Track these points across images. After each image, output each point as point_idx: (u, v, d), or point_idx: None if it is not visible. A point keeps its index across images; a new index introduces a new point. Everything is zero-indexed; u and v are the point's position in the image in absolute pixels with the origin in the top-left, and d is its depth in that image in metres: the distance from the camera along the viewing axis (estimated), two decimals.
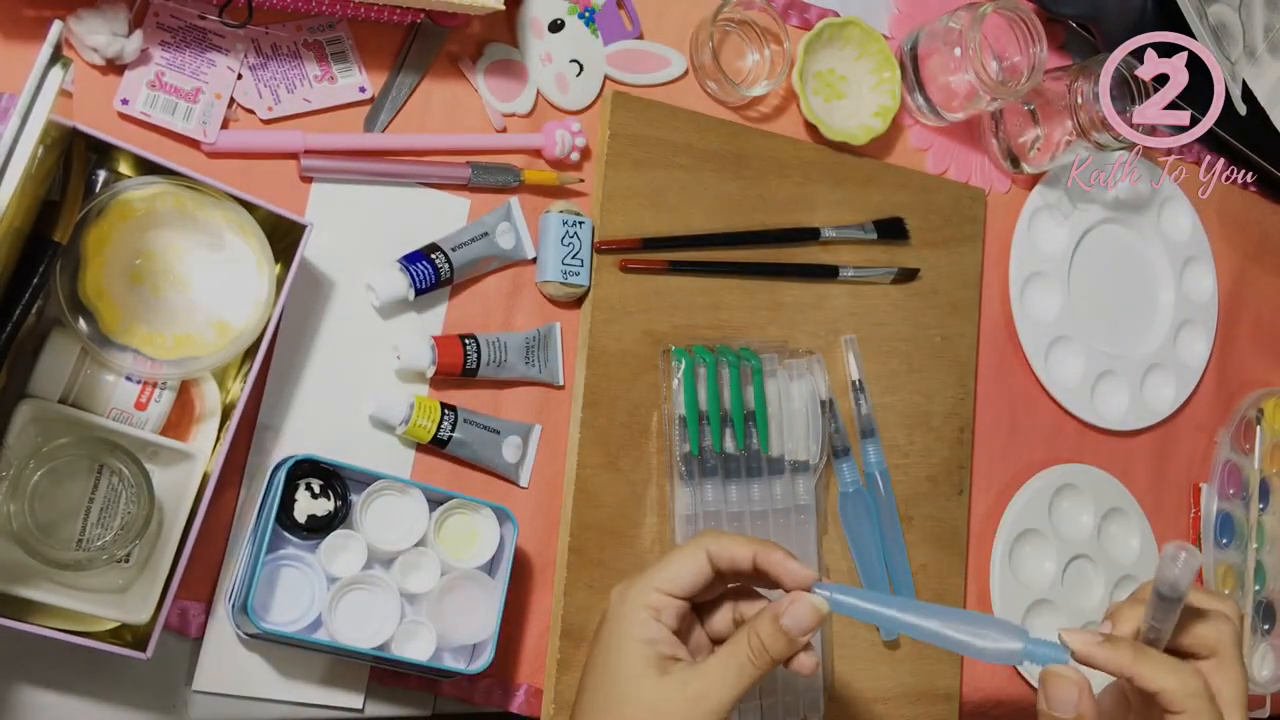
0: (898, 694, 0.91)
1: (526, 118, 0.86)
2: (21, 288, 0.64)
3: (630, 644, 0.65)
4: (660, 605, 0.65)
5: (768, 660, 0.64)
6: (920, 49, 0.98)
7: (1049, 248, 1.06)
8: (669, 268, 0.88)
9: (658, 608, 0.65)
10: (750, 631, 0.64)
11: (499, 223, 0.84)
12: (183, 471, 0.70)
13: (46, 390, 0.67)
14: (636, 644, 0.64)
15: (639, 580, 0.67)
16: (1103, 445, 1.07)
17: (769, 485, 0.87)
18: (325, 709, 0.76)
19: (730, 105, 0.94)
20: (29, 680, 0.70)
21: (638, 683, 0.64)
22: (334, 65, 0.80)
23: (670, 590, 0.66)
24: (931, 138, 1.02)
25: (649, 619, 0.65)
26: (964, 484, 0.98)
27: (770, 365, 0.89)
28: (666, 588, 0.66)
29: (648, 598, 0.65)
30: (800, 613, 0.64)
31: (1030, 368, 1.03)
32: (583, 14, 0.89)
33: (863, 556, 0.91)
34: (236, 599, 0.72)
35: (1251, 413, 1.13)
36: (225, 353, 0.70)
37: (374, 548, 0.75)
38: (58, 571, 0.65)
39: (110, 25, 0.72)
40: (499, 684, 0.81)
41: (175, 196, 0.69)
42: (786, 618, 0.64)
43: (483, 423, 0.81)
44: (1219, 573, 1.09)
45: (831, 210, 0.95)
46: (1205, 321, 1.13)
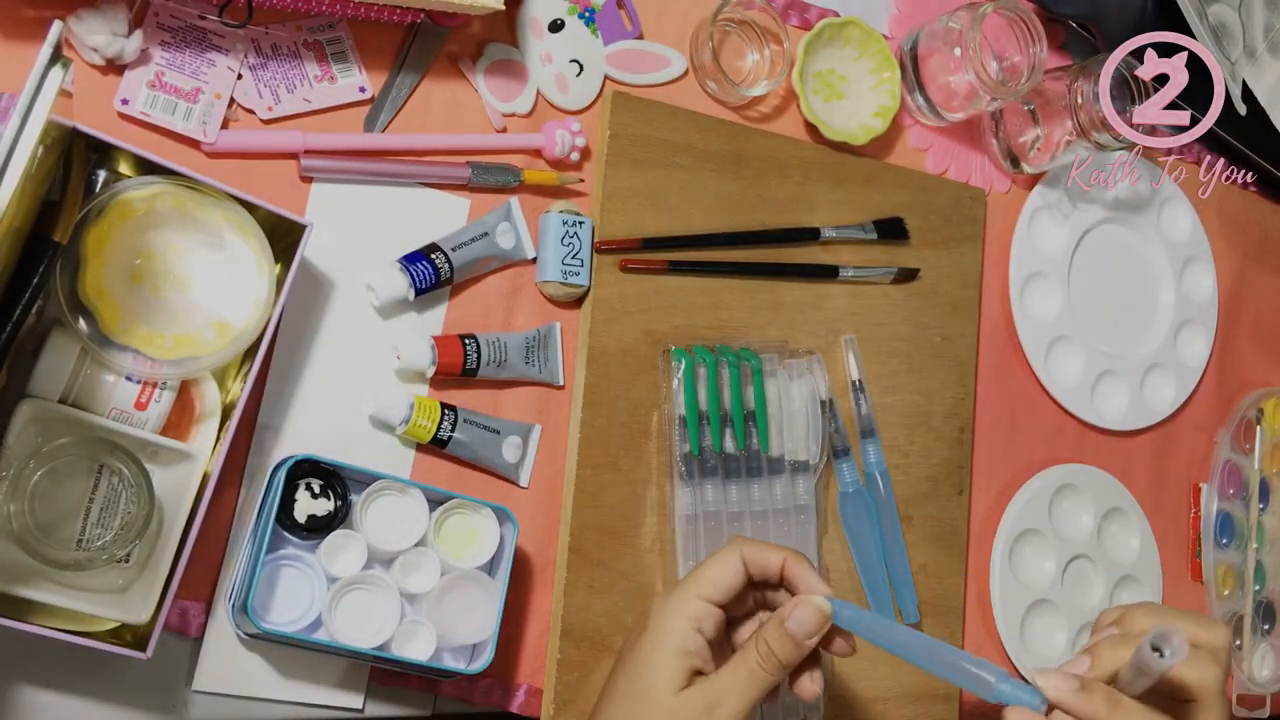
0: (898, 694, 0.91)
1: (526, 118, 0.86)
2: (21, 288, 0.64)
3: (668, 655, 0.66)
4: (702, 615, 0.67)
5: (776, 664, 0.66)
6: (920, 49, 0.98)
7: (1049, 248, 1.06)
8: (669, 268, 0.88)
9: (700, 617, 0.67)
10: (758, 638, 0.66)
11: (499, 223, 0.84)
12: (183, 471, 0.70)
13: (46, 390, 0.67)
14: (674, 655, 0.66)
15: (680, 589, 0.68)
16: (1103, 445, 1.07)
17: (769, 485, 0.87)
18: (325, 709, 0.76)
19: (730, 105, 0.94)
20: (29, 680, 0.70)
21: (664, 694, 0.66)
22: (334, 65, 0.80)
23: (710, 596, 0.68)
24: (931, 138, 1.02)
25: (690, 630, 0.67)
26: (964, 484, 0.98)
27: (770, 365, 0.89)
28: (706, 593, 0.68)
29: (690, 607, 0.67)
30: (804, 615, 0.66)
31: (1030, 368, 1.03)
32: (583, 14, 0.89)
33: (863, 556, 0.91)
34: (236, 599, 0.72)
35: (1251, 413, 1.13)
36: (225, 353, 0.70)
37: (374, 548, 0.75)
38: (58, 571, 0.65)
39: (110, 25, 0.72)
40: (499, 684, 0.81)
41: (175, 196, 0.69)
42: (791, 620, 0.66)
43: (483, 423, 0.81)
44: (1219, 573, 1.10)
45: (831, 210, 0.95)
46: (1205, 321, 1.13)
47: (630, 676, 0.67)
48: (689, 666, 0.66)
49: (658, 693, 0.66)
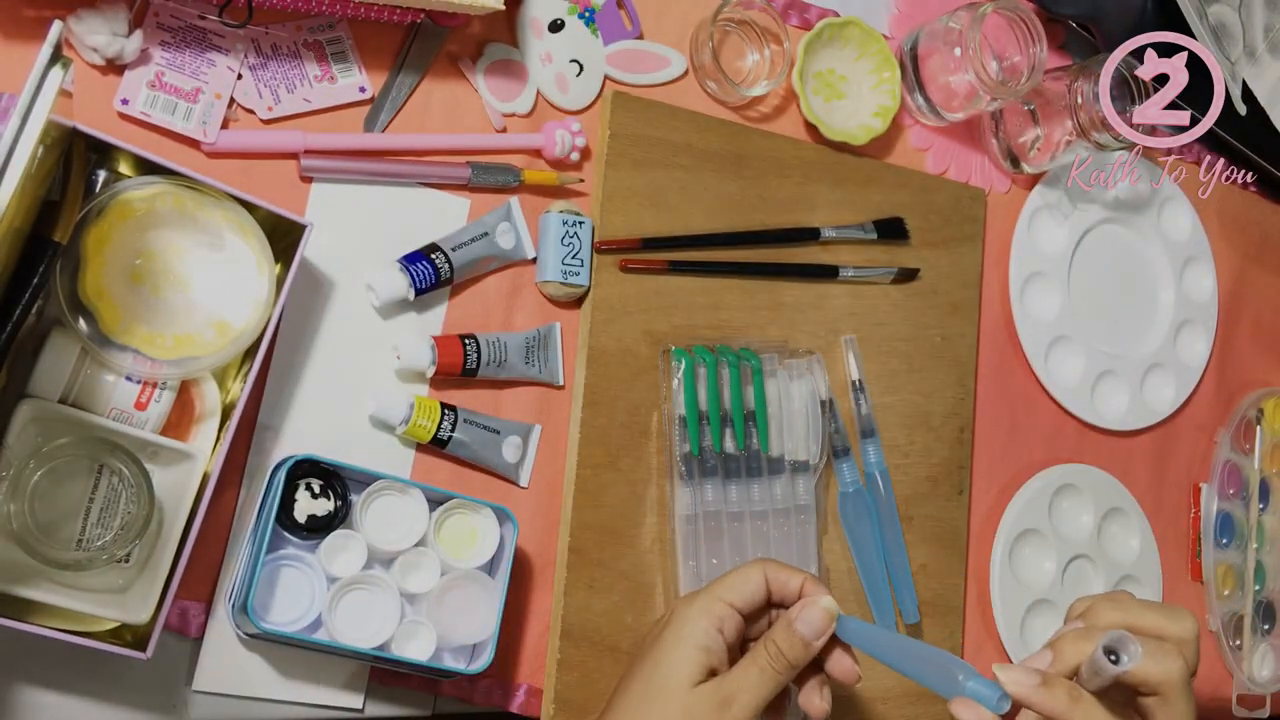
0: (898, 694, 0.91)
1: (526, 118, 0.86)
2: (21, 288, 0.63)
3: (687, 648, 0.69)
4: (725, 616, 0.70)
5: (786, 664, 0.68)
6: (920, 49, 0.98)
7: (1049, 248, 1.06)
8: (669, 268, 0.88)
9: (722, 618, 0.70)
10: (767, 639, 0.69)
11: (499, 223, 0.84)
12: (183, 471, 0.70)
13: (46, 390, 0.67)
14: (693, 649, 0.69)
15: (706, 591, 0.71)
16: (1103, 445, 1.07)
17: (769, 485, 0.87)
18: (325, 709, 0.76)
19: (730, 105, 0.94)
20: (29, 680, 0.70)
21: (680, 686, 0.68)
22: (334, 65, 0.80)
23: (733, 601, 0.70)
24: (931, 138, 1.02)
25: (712, 629, 0.69)
26: (964, 484, 0.98)
27: (770, 365, 0.89)
28: (729, 597, 0.70)
29: (714, 607, 0.70)
30: (812, 616, 0.68)
31: (1030, 368, 1.03)
32: (583, 14, 0.89)
33: (863, 556, 0.91)
34: (236, 599, 0.72)
35: (1251, 413, 1.13)
36: (225, 353, 0.70)
37: (374, 548, 0.75)
38: (58, 571, 0.65)
39: (110, 25, 0.72)
40: (499, 684, 0.81)
41: (175, 196, 0.69)
42: (799, 622, 0.68)
43: (483, 423, 0.81)
44: (1219, 573, 1.10)
45: (831, 210, 0.95)
46: (1205, 321, 1.13)
47: (649, 668, 0.70)
48: (706, 663, 0.69)
49: (674, 685, 0.68)
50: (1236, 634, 1.10)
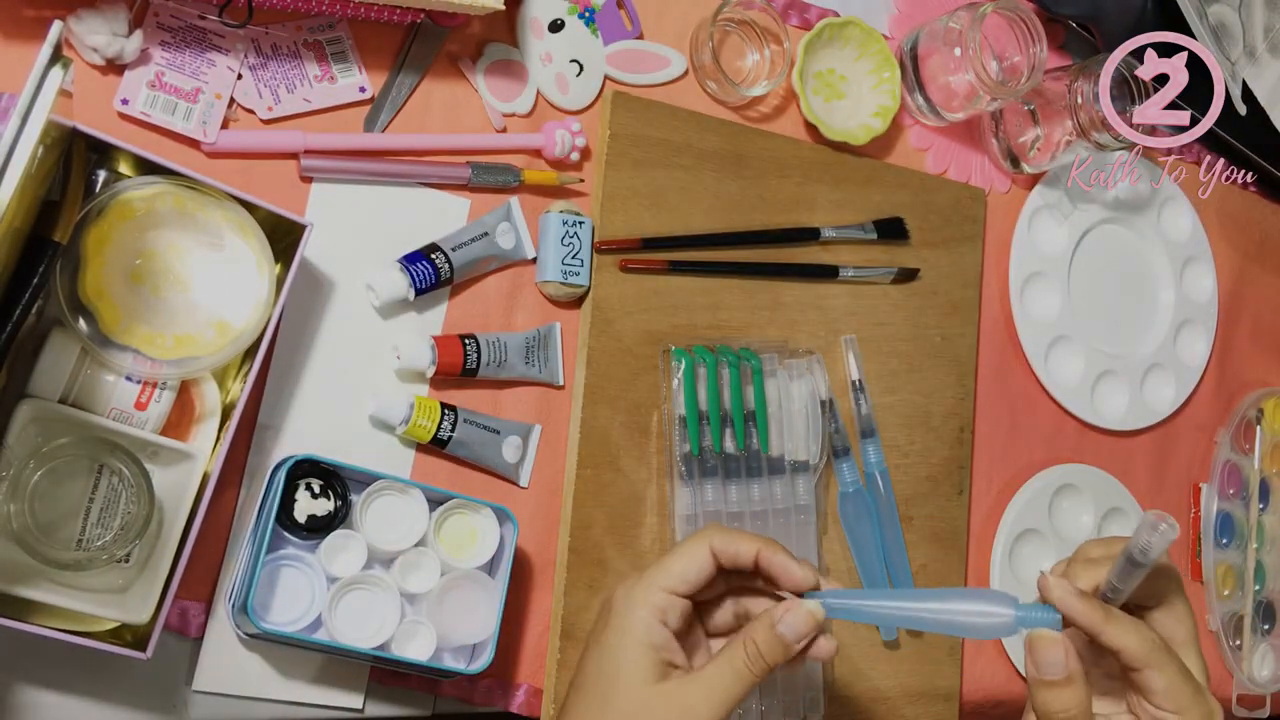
0: (898, 694, 0.91)
1: (526, 118, 0.86)
2: (21, 288, 0.63)
3: (633, 648, 0.64)
4: (666, 606, 0.65)
5: (764, 667, 0.64)
6: (920, 49, 0.98)
7: (1049, 248, 1.06)
8: (669, 268, 0.88)
9: (664, 608, 0.65)
10: (746, 639, 0.64)
11: (499, 223, 0.84)
12: (183, 471, 0.70)
13: (46, 390, 0.67)
14: (640, 648, 0.64)
15: (643, 580, 0.66)
16: (1103, 445, 1.07)
17: (769, 485, 0.87)
18: (325, 709, 0.76)
19: (730, 105, 0.94)
20: (29, 680, 0.70)
21: (634, 689, 0.63)
22: (334, 65, 0.80)
23: (675, 589, 0.65)
24: (931, 138, 1.02)
25: (654, 622, 0.64)
26: (964, 484, 0.98)
27: (770, 365, 0.89)
28: (671, 585, 0.65)
29: (653, 598, 0.65)
30: (796, 620, 0.63)
31: (1030, 368, 1.03)
32: (583, 14, 0.89)
33: (863, 556, 0.91)
34: (236, 599, 0.72)
35: (1251, 413, 1.13)
36: (225, 353, 0.70)
37: (374, 548, 0.75)
38: (58, 571, 0.65)
39: (110, 25, 0.72)
40: (499, 684, 0.81)
41: (175, 196, 0.69)
42: (782, 625, 0.63)
43: (483, 423, 0.81)
44: (1219, 573, 1.10)
45: (831, 210, 0.95)
46: (1205, 321, 1.13)
47: (595, 671, 0.65)
48: (656, 659, 0.64)
49: (629, 682, 0.63)
50: (1236, 634, 1.10)
